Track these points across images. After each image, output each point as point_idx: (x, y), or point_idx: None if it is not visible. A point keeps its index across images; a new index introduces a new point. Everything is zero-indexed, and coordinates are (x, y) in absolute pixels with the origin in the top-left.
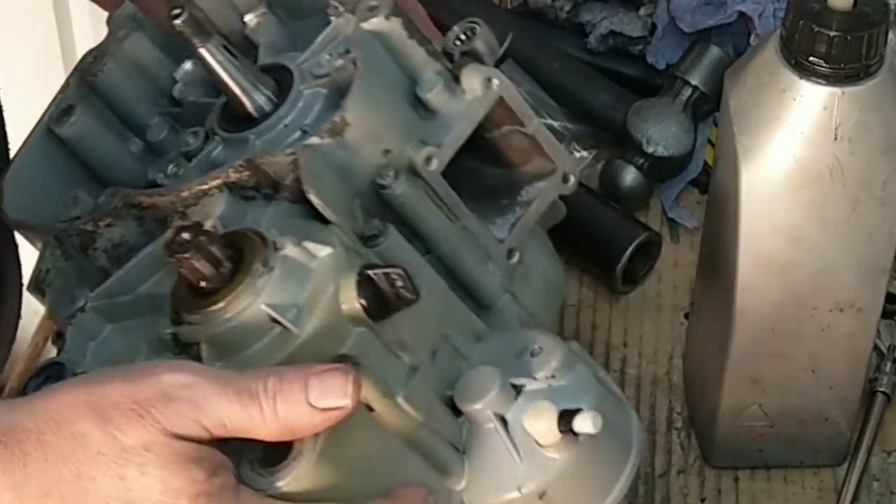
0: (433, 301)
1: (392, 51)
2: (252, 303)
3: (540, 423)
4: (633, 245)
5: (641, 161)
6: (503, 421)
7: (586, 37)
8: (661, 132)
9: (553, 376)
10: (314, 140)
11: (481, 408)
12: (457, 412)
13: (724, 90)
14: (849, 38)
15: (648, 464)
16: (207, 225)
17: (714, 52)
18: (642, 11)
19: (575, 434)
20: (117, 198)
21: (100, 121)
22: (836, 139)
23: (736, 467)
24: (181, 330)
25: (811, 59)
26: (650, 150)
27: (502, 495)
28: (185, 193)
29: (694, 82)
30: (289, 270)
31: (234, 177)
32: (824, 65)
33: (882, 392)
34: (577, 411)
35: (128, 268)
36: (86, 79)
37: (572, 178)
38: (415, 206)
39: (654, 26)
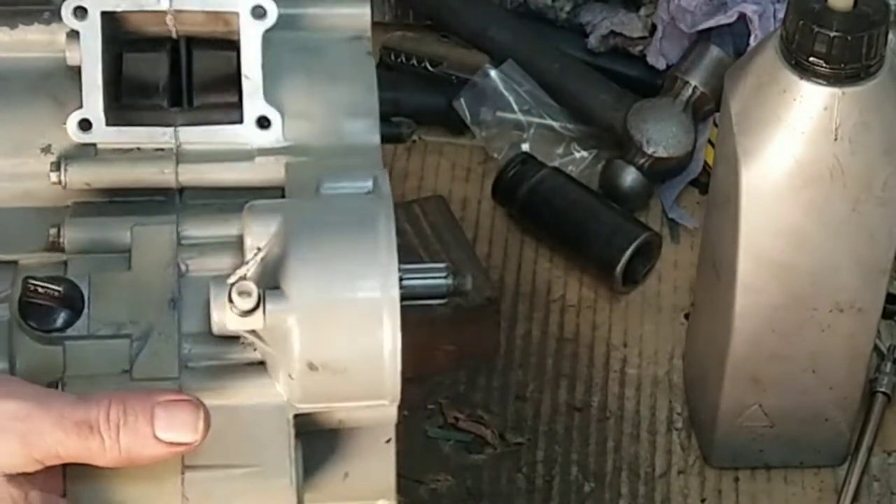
0: (147, 255)
1: (10, 63)
2: None
3: (231, 323)
4: (633, 245)
5: (641, 161)
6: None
7: (586, 37)
8: (661, 132)
9: (259, 249)
10: None
11: (217, 322)
12: None
13: (724, 90)
14: (849, 38)
15: (648, 464)
16: None
17: (714, 52)
18: (642, 11)
19: (267, 304)
20: None
21: None
22: (836, 139)
23: (736, 467)
24: None
25: (811, 59)
26: (650, 150)
27: (287, 387)
28: None
29: (694, 82)
30: None
31: None
32: (824, 65)
33: (882, 392)
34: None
35: None
36: None
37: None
38: (102, 177)
39: (654, 26)
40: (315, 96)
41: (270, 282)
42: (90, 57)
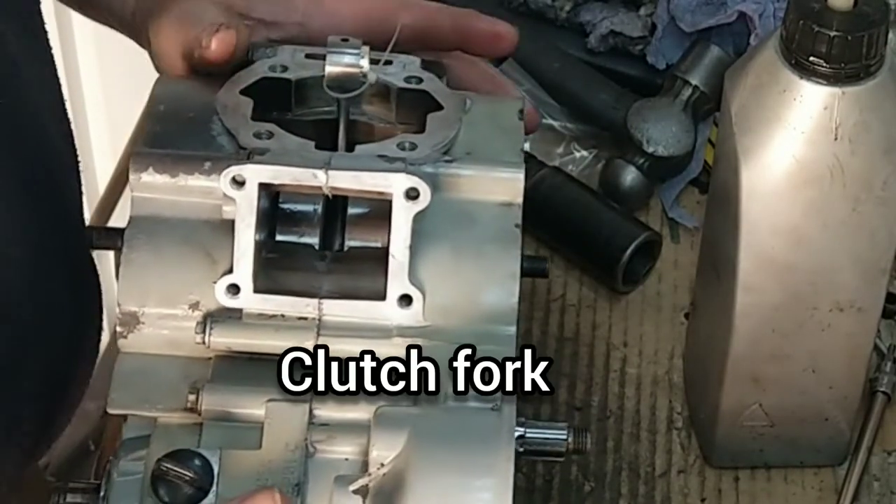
0: (277, 433)
1: (169, 208)
2: None
3: None
4: (633, 245)
5: (641, 161)
6: None
7: (586, 37)
8: (661, 132)
9: (382, 465)
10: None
11: None
12: None
13: (724, 90)
14: (849, 38)
15: (648, 464)
16: None
17: (714, 51)
18: (642, 11)
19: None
20: None
21: None
22: (836, 139)
23: (736, 467)
24: None
25: (811, 59)
26: (650, 150)
27: None
28: None
29: (694, 82)
30: (118, 495)
31: None
32: (824, 65)
33: (882, 392)
34: None
35: None
36: None
37: None
38: (244, 343)
39: (654, 26)
40: (459, 275)
41: (388, 499)
42: (244, 224)
